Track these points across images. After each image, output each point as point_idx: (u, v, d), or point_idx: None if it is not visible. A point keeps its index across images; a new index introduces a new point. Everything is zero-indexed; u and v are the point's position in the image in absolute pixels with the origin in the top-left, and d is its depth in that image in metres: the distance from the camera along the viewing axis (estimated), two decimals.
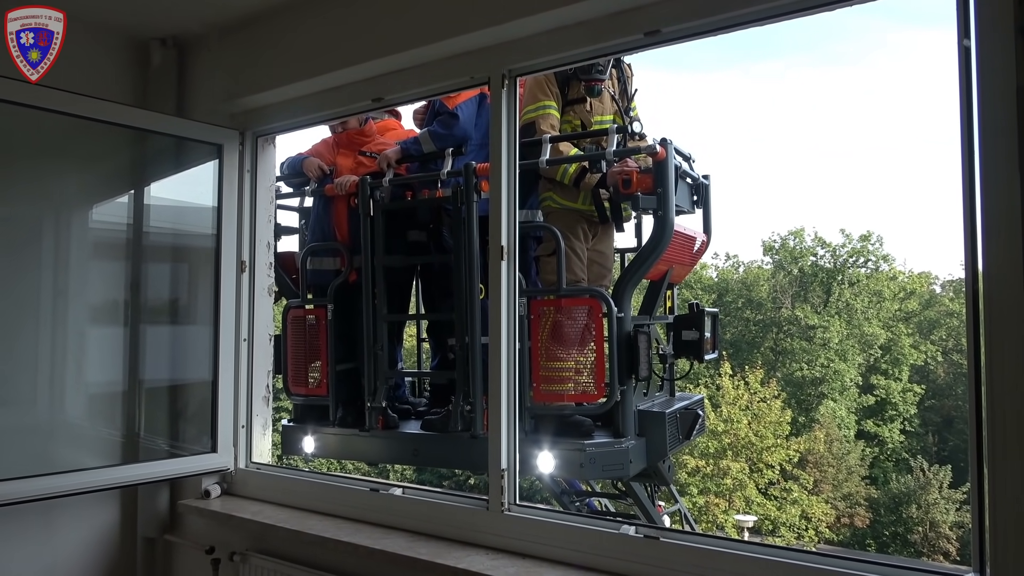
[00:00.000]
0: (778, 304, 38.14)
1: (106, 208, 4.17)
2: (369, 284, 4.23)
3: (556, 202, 4.15)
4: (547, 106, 4.10)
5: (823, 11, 2.55)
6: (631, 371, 3.81)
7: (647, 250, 3.98)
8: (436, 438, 4.18)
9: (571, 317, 3.81)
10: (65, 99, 3.32)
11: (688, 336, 4.17)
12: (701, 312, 4.22)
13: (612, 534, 2.69)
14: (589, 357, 3.78)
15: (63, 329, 3.80)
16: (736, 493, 26.61)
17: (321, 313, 4.44)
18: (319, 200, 4.65)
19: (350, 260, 4.42)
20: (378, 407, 4.24)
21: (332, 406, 4.39)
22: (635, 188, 3.83)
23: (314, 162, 4.68)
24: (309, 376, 4.57)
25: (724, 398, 27.91)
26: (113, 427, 3.96)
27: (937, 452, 34.16)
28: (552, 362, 3.82)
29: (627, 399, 3.87)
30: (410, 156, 4.42)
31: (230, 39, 3.91)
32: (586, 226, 4.20)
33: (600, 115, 4.27)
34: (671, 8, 2.61)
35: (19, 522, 3.50)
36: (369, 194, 4.24)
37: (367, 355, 4.23)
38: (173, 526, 3.97)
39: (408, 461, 4.71)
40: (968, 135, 2.06)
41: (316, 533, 3.20)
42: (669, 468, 4.61)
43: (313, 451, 4.53)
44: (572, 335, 3.80)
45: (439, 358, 4.69)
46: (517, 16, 2.83)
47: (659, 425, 3.96)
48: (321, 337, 4.43)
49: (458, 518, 3.07)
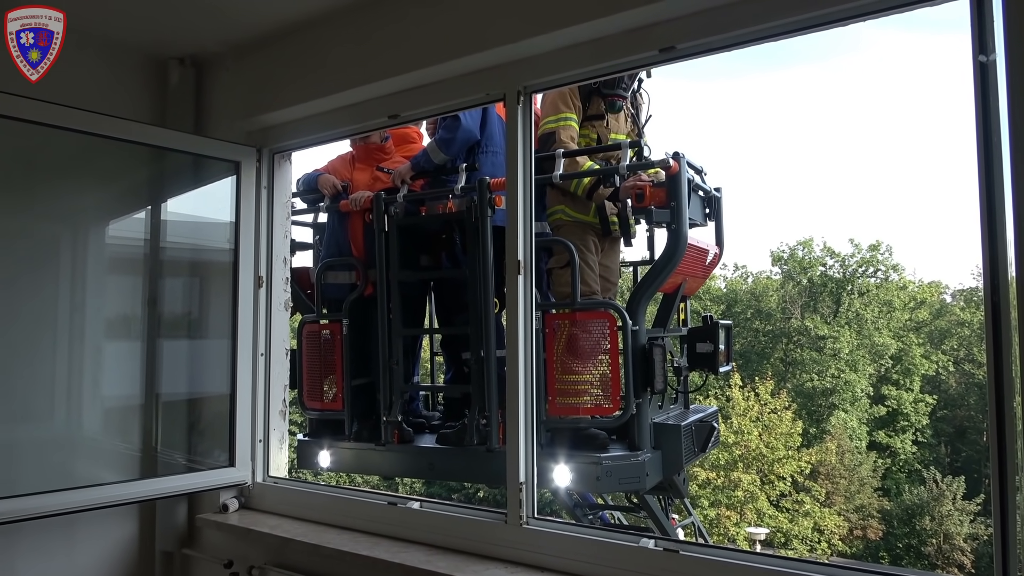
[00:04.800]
0: (787, 315, 37.97)
1: (124, 224, 4.22)
2: (384, 298, 4.26)
3: (567, 215, 4.20)
4: (568, 118, 4.16)
5: (835, 27, 2.58)
6: (646, 384, 3.83)
7: (661, 263, 4.00)
8: (451, 451, 4.19)
9: (586, 330, 3.83)
10: (86, 119, 3.37)
11: (703, 349, 4.19)
12: (715, 324, 4.23)
13: (631, 547, 2.69)
14: (604, 370, 3.79)
15: (80, 344, 3.83)
16: (748, 505, 26.42)
17: (336, 328, 4.47)
18: (334, 216, 4.69)
19: (365, 274, 4.45)
20: (393, 421, 4.25)
21: (348, 420, 4.41)
22: (648, 202, 3.88)
23: (329, 179, 4.72)
24: (324, 390, 4.59)
25: (734, 409, 27.77)
26: (131, 441, 3.98)
27: (950, 463, 33.84)
28: (567, 375, 3.82)
29: (642, 412, 3.88)
30: (423, 170, 4.44)
31: (247, 58, 3.97)
32: (596, 239, 4.24)
33: (616, 133, 4.35)
34: (686, 25, 2.64)
35: (41, 536, 3.52)
36: (384, 209, 4.27)
37: (382, 369, 4.25)
38: (191, 540, 3.99)
39: (424, 475, 4.72)
40: (986, 147, 2.08)
41: (335, 547, 3.21)
42: (684, 481, 4.61)
43: (328, 465, 4.55)
44: (587, 348, 3.81)
45: (453, 372, 4.71)
46: (533, 34, 2.87)
47: (675, 438, 3.97)
48: (336, 352, 4.45)
49: (476, 531, 3.07)
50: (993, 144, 2.06)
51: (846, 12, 2.46)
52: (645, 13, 2.65)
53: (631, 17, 2.68)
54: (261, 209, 3.98)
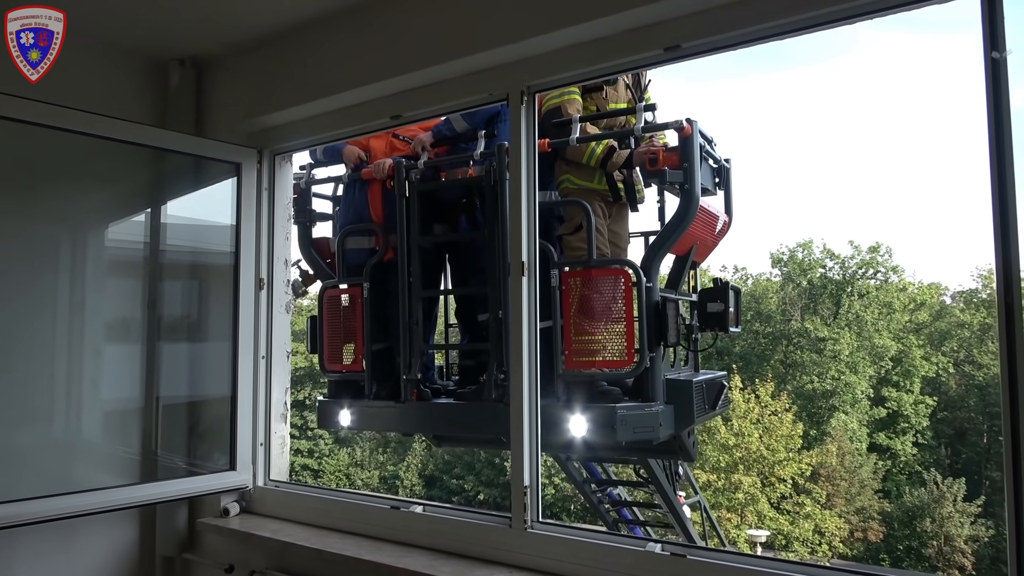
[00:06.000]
0: (787, 316, 37.93)
1: (123, 226, 4.20)
2: (405, 262, 4.38)
3: (573, 183, 4.29)
4: (571, 91, 4.24)
5: (842, 25, 2.56)
6: (660, 338, 3.93)
7: (674, 222, 4.12)
8: (471, 407, 4.30)
9: (602, 286, 3.94)
10: (85, 120, 3.35)
11: (714, 308, 4.26)
12: (726, 284, 4.34)
13: (638, 551, 2.66)
14: (619, 324, 3.89)
15: (80, 347, 3.81)
16: (748, 508, 26.38)
17: (357, 292, 4.55)
18: (353, 184, 4.79)
19: (386, 239, 4.54)
20: (413, 379, 4.35)
21: (368, 381, 4.48)
22: (661, 165, 3.99)
23: (354, 150, 4.81)
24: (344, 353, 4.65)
25: (735, 411, 27.73)
26: (130, 445, 3.96)
27: (950, 465, 33.81)
28: (583, 330, 3.93)
29: (656, 365, 3.99)
30: (444, 138, 4.59)
31: (248, 59, 3.95)
32: (603, 205, 4.32)
33: (615, 103, 4.44)
34: (691, 24, 2.62)
35: (40, 541, 3.49)
36: (405, 176, 4.37)
37: (402, 329, 4.35)
38: (192, 544, 3.96)
39: (443, 430, 4.88)
40: (998, 144, 2.05)
41: (337, 551, 3.18)
42: (693, 444, 4.74)
43: (349, 424, 4.64)
44: (603, 304, 3.92)
45: (468, 338, 4.84)
46: (537, 33, 2.85)
47: (687, 393, 4.09)
48: (357, 315, 4.53)
49: (480, 536, 3.04)
50: (1005, 141, 2.04)
51: (853, 10, 2.44)
52: (649, 12, 2.64)
53: (636, 16, 2.66)
54: (262, 211, 3.96)
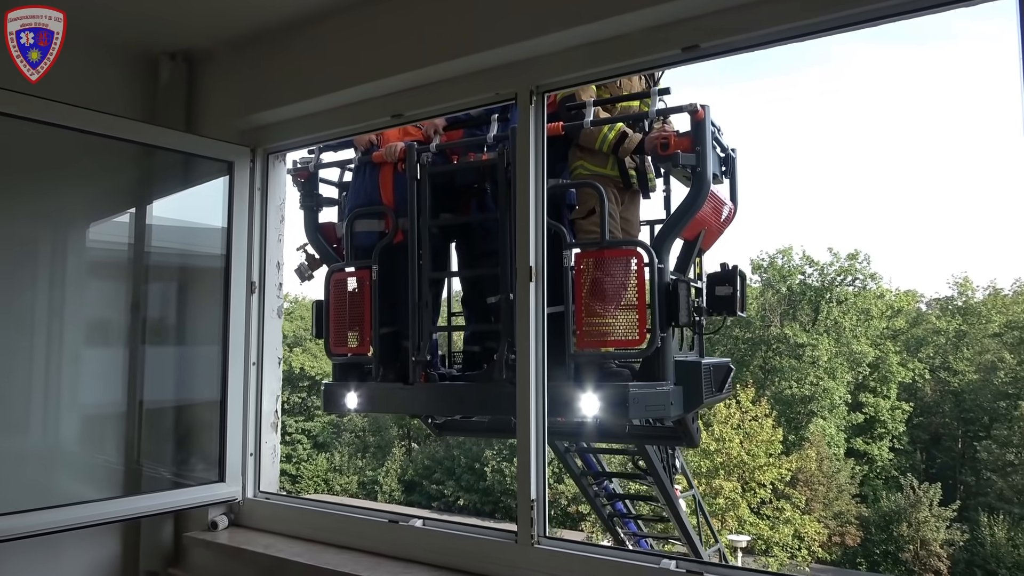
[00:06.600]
0: (767, 322, 38.25)
1: (107, 227, 4.05)
2: (415, 244, 4.34)
3: (586, 168, 4.29)
4: None
5: (860, 28, 2.51)
6: (671, 319, 3.93)
7: (686, 203, 4.13)
8: (479, 386, 4.30)
9: (614, 268, 3.94)
10: (71, 113, 3.20)
11: (722, 292, 4.29)
12: (735, 268, 4.36)
13: (651, 568, 2.56)
14: (632, 305, 3.89)
15: (58, 351, 3.65)
16: (729, 513, 26.48)
17: (365, 274, 4.48)
18: (364, 167, 4.73)
19: (396, 222, 4.47)
20: (422, 360, 4.29)
21: (375, 364, 4.44)
22: (673, 149, 3.99)
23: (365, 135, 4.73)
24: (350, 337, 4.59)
25: (716, 416, 27.85)
26: (114, 455, 3.81)
27: (926, 469, 34.28)
28: (595, 311, 3.91)
29: (667, 346, 4.00)
30: (458, 121, 4.56)
31: (241, 54, 3.81)
32: (616, 192, 4.32)
33: (628, 90, 4.48)
34: (711, 22, 2.55)
35: (18, 557, 3.30)
36: (416, 159, 4.32)
37: (411, 311, 4.31)
38: (178, 559, 3.79)
39: (452, 410, 4.87)
40: None
41: (334, 568, 3.04)
42: (696, 429, 4.77)
43: (356, 406, 4.57)
44: (615, 284, 3.93)
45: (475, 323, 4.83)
46: (548, 31, 2.76)
47: (696, 374, 4.13)
48: (365, 297, 4.47)
49: (484, 551, 2.93)
50: None
51: (875, 12, 2.39)
52: (668, 10, 2.55)
53: (654, 14, 2.58)
54: (254, 211, 3.82)
